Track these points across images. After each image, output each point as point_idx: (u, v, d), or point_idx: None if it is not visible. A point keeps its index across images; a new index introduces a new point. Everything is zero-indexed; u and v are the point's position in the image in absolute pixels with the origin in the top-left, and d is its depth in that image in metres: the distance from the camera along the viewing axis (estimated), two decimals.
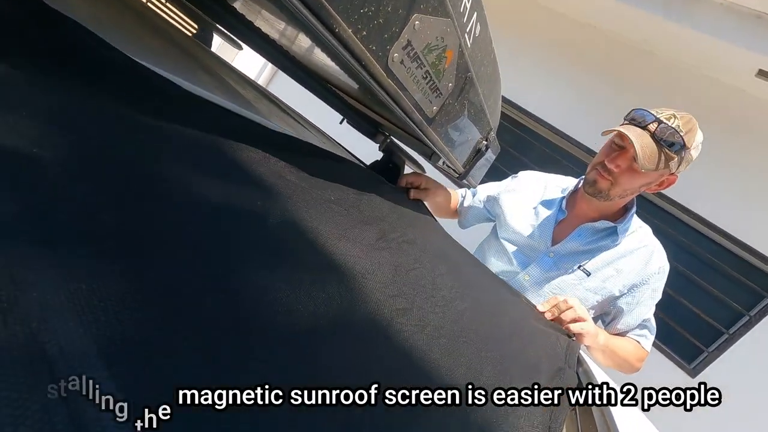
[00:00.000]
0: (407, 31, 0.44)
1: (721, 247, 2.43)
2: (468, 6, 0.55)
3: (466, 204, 1.22)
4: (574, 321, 0.78)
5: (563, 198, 1.04)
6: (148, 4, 1.04)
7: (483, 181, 1.17)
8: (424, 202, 0.97)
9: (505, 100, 3.02)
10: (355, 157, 1.03)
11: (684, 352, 2.39)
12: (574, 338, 0.76)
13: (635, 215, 1.00)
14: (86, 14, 0.49)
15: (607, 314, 1.02)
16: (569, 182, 1.10)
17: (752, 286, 2.32)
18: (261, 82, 3.76)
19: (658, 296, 0.99)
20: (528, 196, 1.10)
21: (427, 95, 0.57)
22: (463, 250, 0.83)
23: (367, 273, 0.35)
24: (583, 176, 1.01)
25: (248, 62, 3.42)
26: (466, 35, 0.57)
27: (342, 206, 0.48)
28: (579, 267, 0.97)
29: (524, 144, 3.10)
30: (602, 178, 0.90)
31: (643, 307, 0.97)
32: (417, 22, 0.44)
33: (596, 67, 2.85)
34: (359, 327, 0.28)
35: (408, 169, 1.07)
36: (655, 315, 1.01)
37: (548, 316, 0.78)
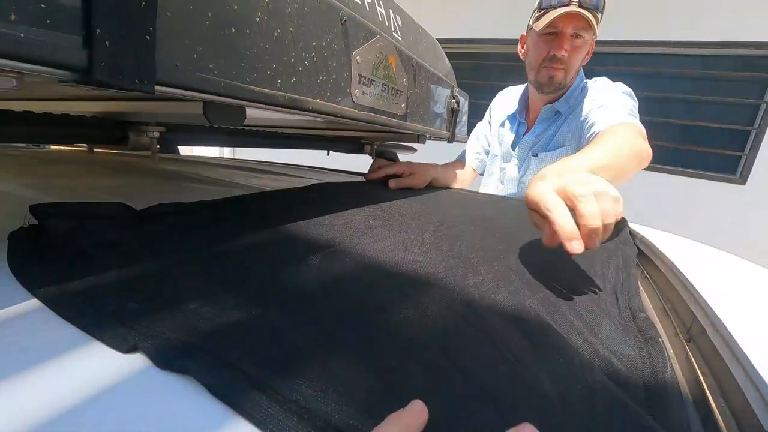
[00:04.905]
0: (354, 69, 0.50)
1: (711, 57, 2.39)
2: (383, 11, 0.60)
3: (480, 171, 1.22)
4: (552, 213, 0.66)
5: (516, 111, 1.08)
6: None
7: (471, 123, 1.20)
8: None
9: (451, 41, 3.00)
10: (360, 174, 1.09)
11: (724, 166, 2.39)
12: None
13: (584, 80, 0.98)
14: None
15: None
16: (520, 88, 1.11)
17: (757, 75, 2.29)
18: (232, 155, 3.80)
19: (610, 90, 0.89)
20: (498, 121, 1.14)
21: (392, 100, 0.63)
22: (477, 199, 0.89)
23: (438, 272, 0.42)
24: (527, 83, 1.03)
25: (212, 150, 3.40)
26: (394, 34, 0.63)
27: (386, 224, 0.55)
28: (560, 147, 0.97)
29: (483, 69, 3.09)
30: (556, 70, 0.92)
31: (598, 108, 0.84)
32: (357, 58, 0.50)
33: None
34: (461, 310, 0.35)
35: (404, 157, 1.13)
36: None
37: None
